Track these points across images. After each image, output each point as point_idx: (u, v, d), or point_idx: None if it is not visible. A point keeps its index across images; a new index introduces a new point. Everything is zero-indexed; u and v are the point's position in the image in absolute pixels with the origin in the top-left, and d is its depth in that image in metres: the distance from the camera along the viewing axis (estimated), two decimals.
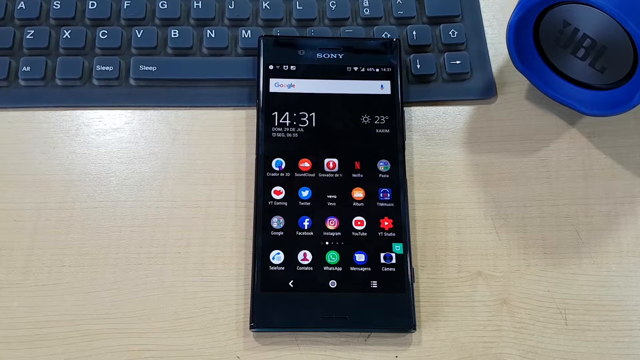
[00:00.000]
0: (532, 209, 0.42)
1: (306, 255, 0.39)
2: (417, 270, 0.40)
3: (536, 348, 0.38)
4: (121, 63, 0.45)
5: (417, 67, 0.46)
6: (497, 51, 0.47)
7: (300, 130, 0.42)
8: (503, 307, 0.39)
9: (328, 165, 0.42)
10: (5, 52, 0.45)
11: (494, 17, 0.49)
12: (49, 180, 0.42)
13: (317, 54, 0.45)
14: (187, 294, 0.39)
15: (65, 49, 0.45)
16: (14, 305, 0.39)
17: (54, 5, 0.47)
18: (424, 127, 0.45)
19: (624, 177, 0.43)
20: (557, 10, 0.40)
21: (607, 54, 0.40)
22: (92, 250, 0.40)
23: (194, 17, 0.47)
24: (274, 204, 0.40)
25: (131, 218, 0.41)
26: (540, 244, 0.41)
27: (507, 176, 0.43)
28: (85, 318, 0.38)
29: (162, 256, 0.40)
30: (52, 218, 0.41)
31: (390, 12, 0.48)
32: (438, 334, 0.39)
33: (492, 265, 0.41)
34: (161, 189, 0.42)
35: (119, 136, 0.44)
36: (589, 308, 0.39)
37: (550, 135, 0.45)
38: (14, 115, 0.44)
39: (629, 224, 0.42)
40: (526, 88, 0.46)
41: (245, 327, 0.38)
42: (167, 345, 0.38)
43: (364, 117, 0.43)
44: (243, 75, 0.45)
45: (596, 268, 0.41)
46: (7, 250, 0.40)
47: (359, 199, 0.41)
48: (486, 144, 0.44)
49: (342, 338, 0.38)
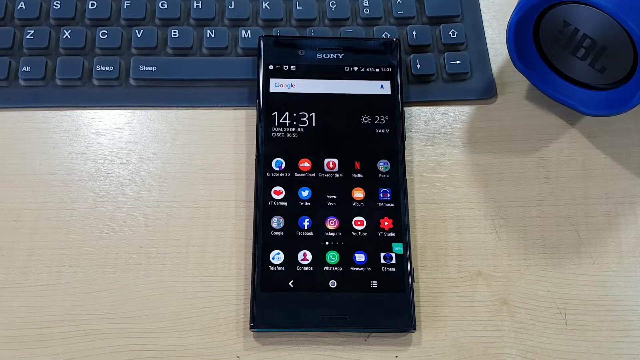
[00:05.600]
0: (532, 209, 0.42)
1: (306, 255, 0.39)
2: (417, 270, 0.40)
3: (536, 348, 0.38)
4: (121, 63, 0.45)
5: (417, 67, 0.46)
6: (497, 51, 0.47)
7: (300, 130, 0.42)
8: (503, 307, 0.39)
9: (328, 166, 0.42)
10: (5, 52, 0.45)
11: (494, 17, 0.49)
12: (49, 180, 0.42)
13: (317, 54, 0.45)
14: (187, 294, 0.39)
15: (65, 49, 0.46)
16: (14, 305, 0.39)
17: (54, 5, 0.47)
18: (424, 127, 0.45)
19: (624, 177, 0.43)
20: (557, 11, 0.40)
21: (607, 54, 0.40)
22: (92, 251, 0.40)
23: (194, 17, 0.47)
24: (274, 204, 0.40)
25: (131, 218, 0.41)
26: (540, 244, 0.41)
27: (507, 176, 0.43)
28: (85, 318, 0.38)
29: (162, 256, 0.40)
30: (52, 218, 0.41)
31: (390, 12, 0.48)
32: (438, 334, 0.39)
33: (492, 265, 0.41)
34: (161, 189, 0.42)
35: (119, 136, 0.44)
36: (589, 308, 0.40)
37: (550, 135, 0.45)
38: (14, 115, 0.44)
39: (629, 224, 0.42)
40: (526, 88, 0.46)
41: (245, 327, 0.38)
42: (167, 345, 0.38)
43: (364, 117, 0.43)
44: (243, 75, 0.45)
45: (596, 268, 0.41)
46: (7, 250, 0.40)
47: (359, 199, 0.41)
48: (486, 144, 0.44)
49: (342, 338, 0.38)
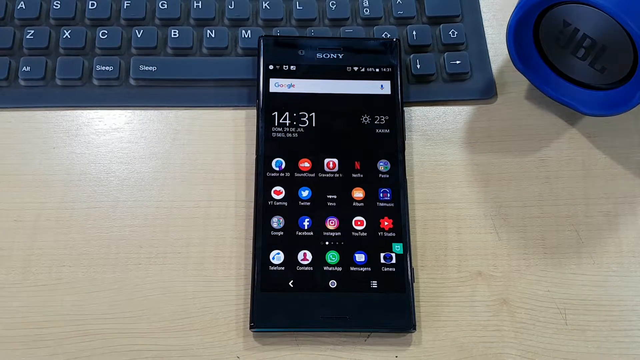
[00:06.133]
0: (532, 209, 0.42)
1: (306, 255, 0.39)
2: (417, 270, 0.40)
3: (536, 348, 0.38)
4: (121, 63, 0.45)
5: (417, 67, 0.46)
6: (497, 51, 0.47)
7: (300, 130, 0.42)
8: (503, 307, 0.39)
9: (328, 165, 0.42)
10: (5, 52, 0.45)
11: (494, 17, 0.48)
12: (48, 180, 0.42)
13: (317, 54, 0.45)
14: (187, 294, 0.39)
15: (65, 49, 0.45)
16: (13, 305, 0.39)
17: (53, 5, 0.47)
18: (424, 127, 0.45)
19: (624, 177, 0.43)
20: (557, 10, 0.40)
21: (607, 54, 0.40)
22: (92, 251, 0.40)
23: (194, 17, 0.47)
24: (274, 204, 0.40)
25: (131, 218, 0.41)
26: (540, 244, 0.41)
27: (507, 176, 0.43)
28: (85, 318, 0.38)
29: (162, 256, 0.40)
30: (52, 218, 0.41)
31: (390, 12, 0.48)
32: (438, 334, 0.39)
33: (492, 265, 0.41)
34: (161, 189, 0.42)
35: (119, 136, 0.44)
36: (589, 308, 0.39)
37: (550, 135, 0.45)
38: (13, 115, 0.44)
39: (629, 224, 0.42)
40: (526, 88, 0.46)
41: (245, 327, 0.38)
42: (167, 345, 0.38)
43: (364, 117, 0.43)
44: (243, 75, 0.45)
45: (596, 268, 0.41)
46: (7, 250, 0.40)
47: (359, 199, 0.41)
48: (486, 144, 0.44)
49: (342, 338, 0.38)
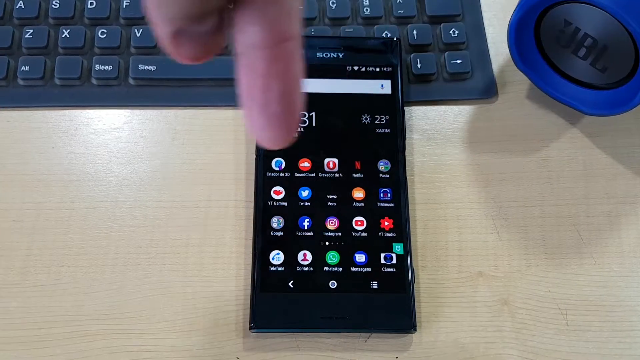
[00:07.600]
0: (533, 209, 0.42)
1: (306, 255, 0.39)
2: (418, 271, 0.40)
3: (537, 348, 0.38)
4: (120, 62, 0.45)
5: (417, 67, 0.45)
6: (498, 50, 0.47)
7: (300, 129, 0.42)
8: (504, 308, 0.39)
9: (328, 165, 0.41)
10: (4, 51, 0.45)
11: (495, 17, 0.48)
12: (47, 180, 0.42)
13: (317, 53, 0.44)
14: (187, 294, 0.39)
15: (64, 49, 0.45)
16: (12, 306, 0.39)
17: (52, 4, 0.46)
18: (425, 127, 0.45)
19: (625, 177, 0.43)
20: (558, 10, 0.40)
21: (608, 53, 0.40)
22: (91, 251, 0.40)
23: None
24: (273, 204, 0.40)
25: (130, 218, 0.41)
26: (541, 244, 0.41)
27: (508, 176, 0.43)
28: (84, 318, 0.38)
29: (162, 256, 0.40)
30: (51, 218, 0.41)
31: (391, 12, 0.48)
32: (439, 335, 0.39)
33: (493, 265, 0.41)
34: (161, 189, 0.42)
35: (118, 136, 0.44)
36: (590, 308, 0.39)
37: (551, 135, 0.44)
38: (12, 114, 0.44)
39: (630, 224, 0.42)
40: (527, 87, 0.46)
41: (245, 328, 0.38)
42: (167, 345, 0.38)
43: (364, 116, 0.43)
44: None
45: (597, 268, 0.41)
46: (6, 250, 0.40)
47: (359, 199, 0.41)
48: (487, 144, 0.44)
49: (342, 339, 0.38)
